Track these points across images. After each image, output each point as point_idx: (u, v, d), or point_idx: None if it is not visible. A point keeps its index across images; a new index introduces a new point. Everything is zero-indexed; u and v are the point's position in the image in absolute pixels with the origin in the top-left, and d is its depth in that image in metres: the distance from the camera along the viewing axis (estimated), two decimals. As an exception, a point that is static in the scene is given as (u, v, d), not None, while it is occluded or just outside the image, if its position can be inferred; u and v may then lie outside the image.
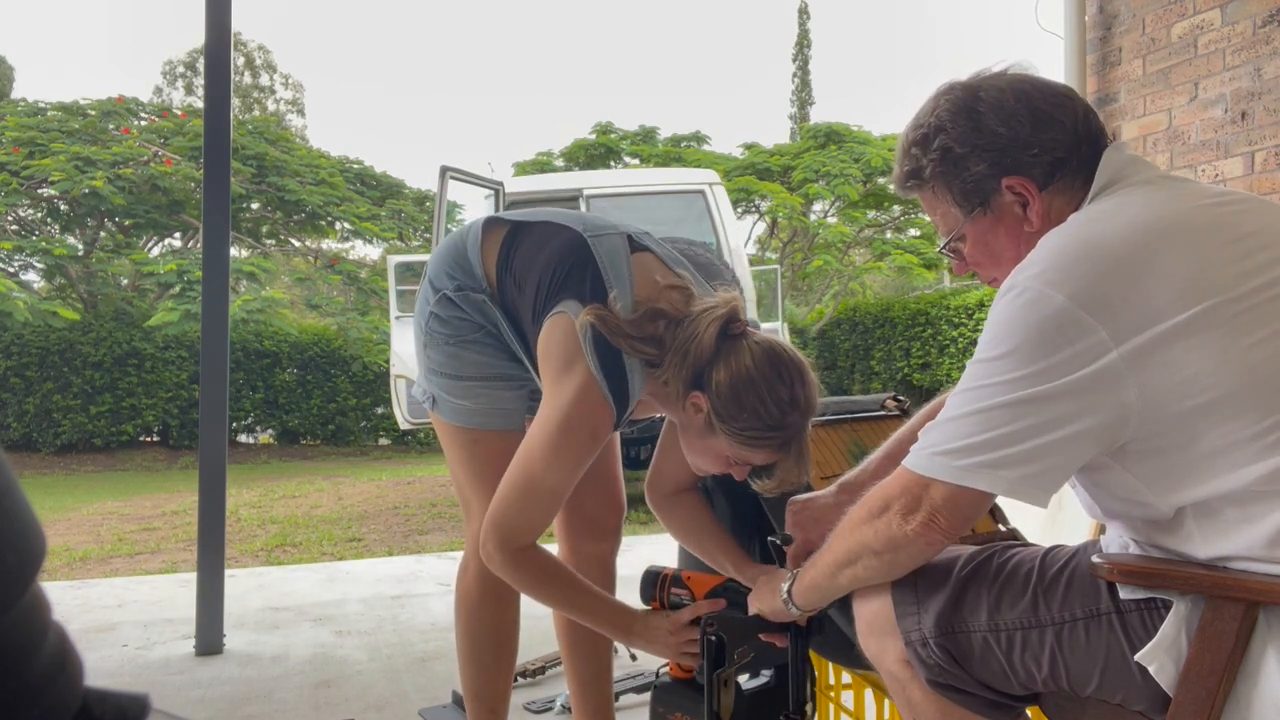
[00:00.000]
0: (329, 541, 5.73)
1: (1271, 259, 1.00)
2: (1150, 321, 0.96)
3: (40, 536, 0.42)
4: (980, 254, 1.20)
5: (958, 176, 1.16)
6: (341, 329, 12.24)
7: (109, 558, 5.35)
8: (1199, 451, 0.97)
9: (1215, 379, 0.95)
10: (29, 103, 12.84)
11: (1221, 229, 1.02)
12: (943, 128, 1.16)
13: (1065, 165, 1.13)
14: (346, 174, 13.62)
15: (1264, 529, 0.96)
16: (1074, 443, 0.99)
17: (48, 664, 0.41)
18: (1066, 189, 1.13)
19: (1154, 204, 1.06)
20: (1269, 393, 0.95)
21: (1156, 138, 3.42)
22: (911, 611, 1.15)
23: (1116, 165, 1.12)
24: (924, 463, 1.05)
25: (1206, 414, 0.96)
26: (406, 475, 9.59)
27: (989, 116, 1.14)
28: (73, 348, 11.46)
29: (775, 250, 14.58)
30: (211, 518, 3.04)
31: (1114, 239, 1.01)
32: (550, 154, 14.93)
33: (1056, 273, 1.00)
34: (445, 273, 1.67)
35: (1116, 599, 1.05)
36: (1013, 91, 1.14)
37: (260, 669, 2.83)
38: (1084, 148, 1.13)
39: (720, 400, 1.41)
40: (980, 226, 1.18)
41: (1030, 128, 1.12)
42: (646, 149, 14.42)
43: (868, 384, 12.71)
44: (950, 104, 1.16)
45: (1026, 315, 1.00)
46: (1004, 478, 1.00)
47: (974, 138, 1.14)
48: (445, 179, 5.69)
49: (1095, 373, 0.96)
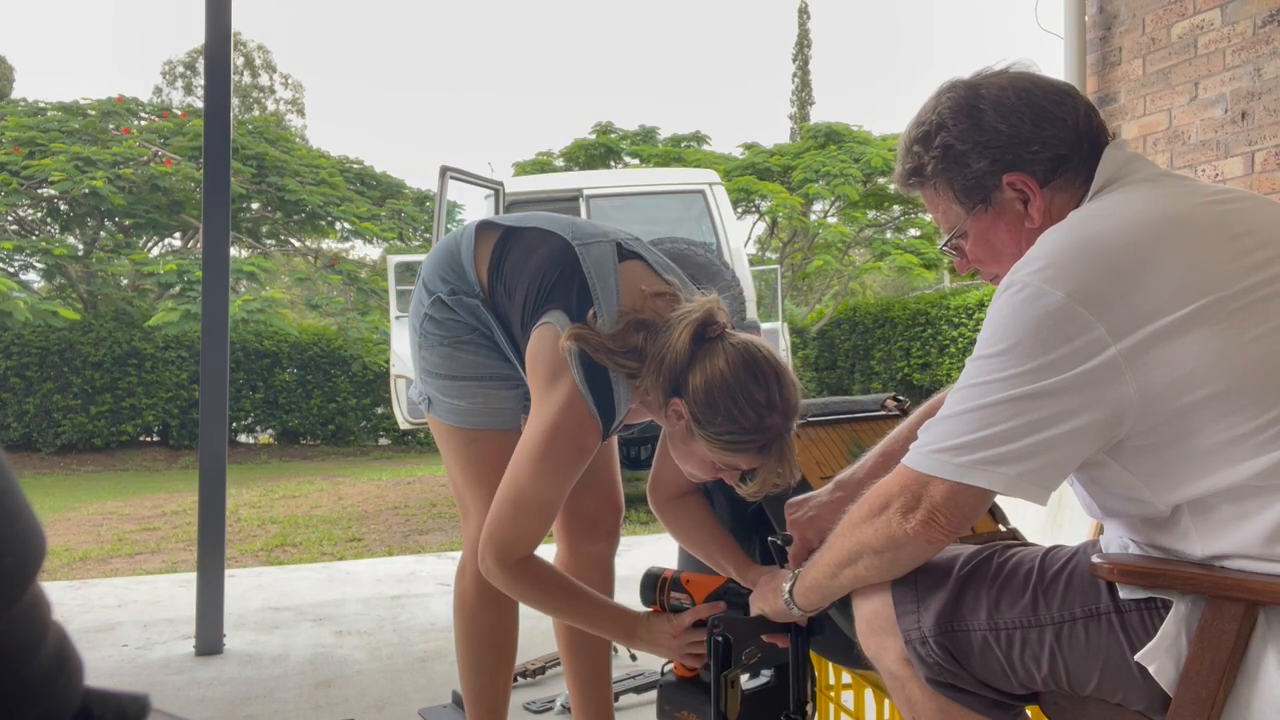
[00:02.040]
0: (329, 541, 5.73)
1: (1269, 257, 1.01)
2: (1148, 318, 0.96)
3: (40, 537, 0.42)
4: (982, 251, 1.21)
5: (959, 174, 1.17)
6: (341, 329, 12.24)
7: (109, 558, 5.35)
8: (1196, 447, 0.97)
9: (1213, 375, 0.95)
10: (29, 103, 12.84)
11: (1219, 227, 1.03)
12: (944, 125, 1.17)
13: (1066, 162, 1.13)
14: (346, 174, 13.62)
15: (1261, 526, 0.96)
16: (1073, 439, 0.99)
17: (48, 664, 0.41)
18: (1067, 186, 1.14)
19: (1153, 202, 1.06)
20: (1266, 389, 0.96)
21: (1156, 138, 3.42)
22: (911, 610, 1.15)
23: (1117, 163, 1.12)
24: (923, 460, 1.05)
25: (1204, 410, 0.96)
26: (406, 475, 9.59)
27: (990, 114, 1.14)
28: (73, 348, 11.46)
29: (775, 250, 14.58)
30: (211, 518, 3.04)
31: (1113, 236, 1.02)
32: (550, 154, 14.92)
33: (1056, 269, 1.00)
34: (439, 276, 1.68)
35: (1116, 599, 1.05)
36: (1014, 89, 1.15)
37: (260, 669, 2.83)
38: (1085, 145, 1.14)
39: (697, 405, 1.40)
40: (982, 223, 1.18)
41: (1031, 124, 1.13)
42: (646, 149, 14.41)
43: (868, 384, 12.71)
44: (952, 101, 1.17)
45: (1025, 311, 1.00)
46: (1003, 474, 1.00)
47: (975, 135, 1.15)
48: (445, 179, 5.68)
49: (1094, 369, 0.97)
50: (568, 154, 14.68)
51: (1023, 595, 1.10)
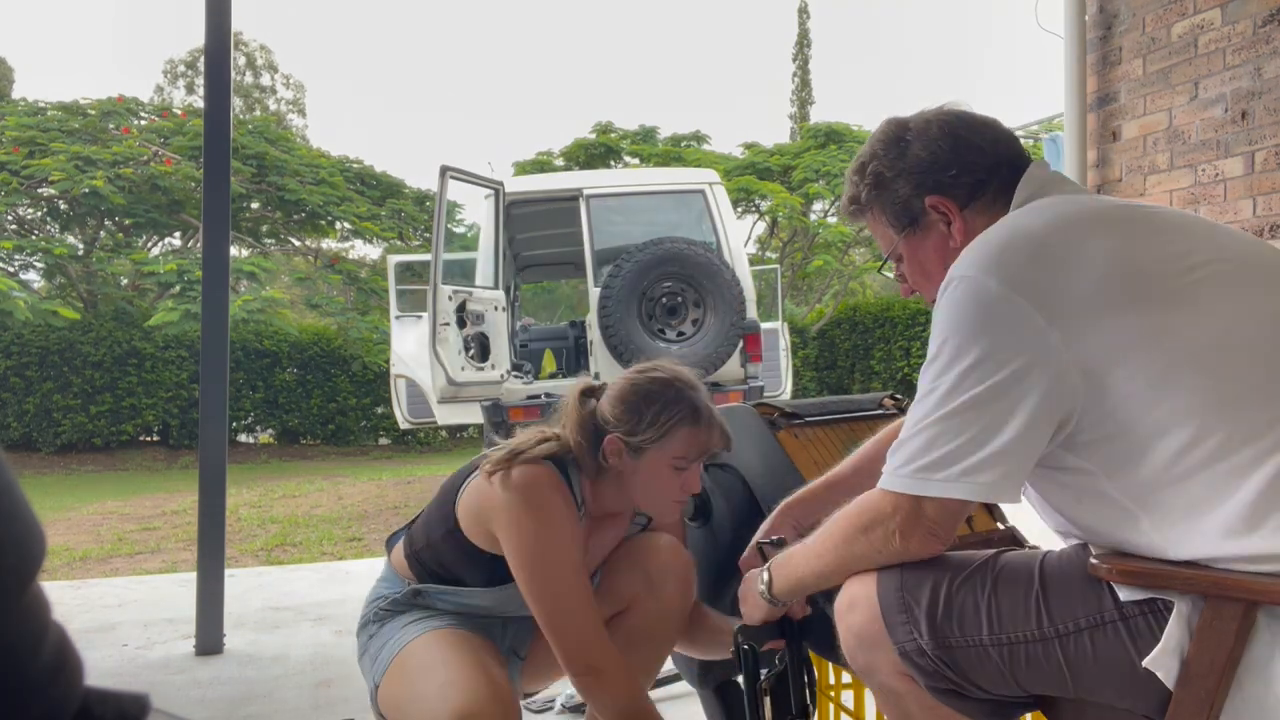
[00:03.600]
0: (329, 541, 5.73)
1: (1192, 246, 1.07)
2: (1081, 302, 1.02)
3: (40, 536, 0.42)
4: (915, 272, 1.30)
5: (888, 198, 1.28)
6: (341, 329, 12.24)
7: (109, 558, 5.35)
8: (1141, 434, 1.00)
9: (1146, 359, 1.00)
10: (29, 102, 12.83)
11: (1143, 221, 1.11)
12: (875, 155, 1.29)
13: (985, 186, 1.22)
14: (346, 174, 13.61)
15: (1219, 518, 0.97)
16: (1030, 430, 1.02)
17: (48, 664, 0.41)
18: (987, 209, 1.22)
19: (1076, 203, 1.15)
20: (1201, 371, 0.99)
21: (1156, 137, 3.42)
22: (902, 620, 1.13)
23: (1038, 180, 1.21)
24: (909, 483, 1.07)
25: (1144, 395, 0.99)
26: (406, 475, 9.59)
27: (914, 144, 1.25)
28: (73, 347, 11.46)
29: (775, 250, 14.58)
30: (211, 517, 3.04)
31: (1041, 227, 1.09)
32: (550, 154, 14.93)
33: (987, 260, 1.07)
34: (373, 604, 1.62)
35: (1119, 603, 1.04)
36: (938, 122, 1.26)
37: (260, 669, 2.83)
38: (1004, 170, 1.23)
39: (619, 423, 1.51)
40: (912, 244, 1.28)
41: (950, 151, 1.23)
42: (646, 149, 14.41)
43: (868, 384, 12.71)
44: (883, 134, 1.29)
45: (963, 304, 1.06)
46: (982, 484, 1.04)
47: (900, 163, 1.26)
48: (445, 179, 5.67)
49: (1035, 351, 1.02)
50: (568, 154, 14.68)
51: (1023, 606, 1.08)
